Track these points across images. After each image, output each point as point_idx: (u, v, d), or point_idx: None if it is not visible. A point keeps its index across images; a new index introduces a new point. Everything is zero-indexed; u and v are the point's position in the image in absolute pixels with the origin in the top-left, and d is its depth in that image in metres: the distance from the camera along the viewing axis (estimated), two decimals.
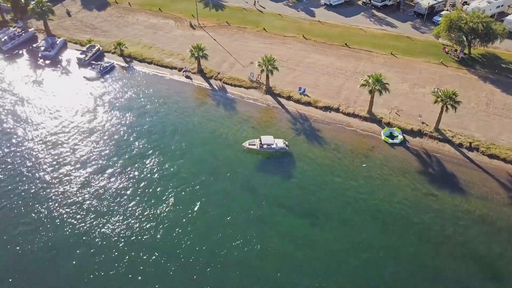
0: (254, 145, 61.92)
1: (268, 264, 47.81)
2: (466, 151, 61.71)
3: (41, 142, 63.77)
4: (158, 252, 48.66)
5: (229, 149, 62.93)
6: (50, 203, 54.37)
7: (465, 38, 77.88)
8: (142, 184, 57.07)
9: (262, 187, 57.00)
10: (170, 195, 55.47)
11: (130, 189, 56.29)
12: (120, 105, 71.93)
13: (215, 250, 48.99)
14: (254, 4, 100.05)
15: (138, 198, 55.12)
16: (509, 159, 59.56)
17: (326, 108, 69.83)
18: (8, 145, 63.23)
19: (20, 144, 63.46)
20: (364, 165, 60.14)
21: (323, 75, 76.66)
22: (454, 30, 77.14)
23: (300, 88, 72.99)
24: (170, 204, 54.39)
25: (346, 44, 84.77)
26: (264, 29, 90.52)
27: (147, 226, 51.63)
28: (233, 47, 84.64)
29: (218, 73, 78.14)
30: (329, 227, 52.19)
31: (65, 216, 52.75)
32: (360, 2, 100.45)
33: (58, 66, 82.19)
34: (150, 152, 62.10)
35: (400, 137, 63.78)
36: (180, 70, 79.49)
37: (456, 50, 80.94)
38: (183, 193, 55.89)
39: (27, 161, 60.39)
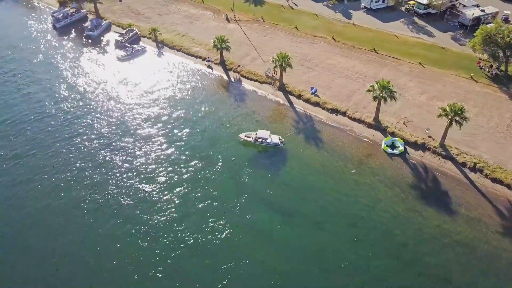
0: (250, 137, 63.19)
1: (227, 255, 48.92)
2: (468, 171, 58.18)
3: (63, 101, 70.20)
4: (129, 223, 51.96)
5: (228, 138, 64.83)
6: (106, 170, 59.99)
7: (501, 54, 72.65)
8: (136, 158, 60.79)
9: (248, 179, 58.20)
10: (158, 175, 58.57)
11: (127, 163, 60.24)
12: (137, 85, 76.59)
13: (179, 232, 51.18)
14: (287, 1, 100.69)
15: (130, 166, 58.93)
16: None
17: (333, 111, 69.10)
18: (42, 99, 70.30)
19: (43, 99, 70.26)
20: (354, 171, 59.02)
21: (340, 77, 75.64)
22: (490, 44, 72.31)
23: (312, 88, 72.80)
24: (154, 181, 57.47)
25: (374, 49, 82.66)
26: (296, 27, 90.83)
27: (123, 194, 55.22)
28: (260, 43, 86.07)
29: (238, 66, 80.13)
30: (302, 228, 52.21)
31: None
32: (403, 9, 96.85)
33: (98, 45, 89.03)
34: (152, 132, 65.74)
35: (401, 148, 61.59)
36: (204, 59, 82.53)
37: (491, 66, 75.68)
38: (171, 174, 58.69)
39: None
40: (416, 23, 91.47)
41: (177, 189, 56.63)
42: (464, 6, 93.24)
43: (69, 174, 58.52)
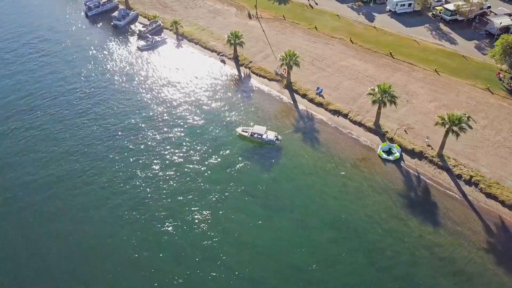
0: (247, 132, 64.18)
1: (203, 243, 50.32)
2: (463, 183, 56.19)
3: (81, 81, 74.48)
4: (116, 199, 54.59)
5: (226, 131, 66.16)
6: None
7: None
8: (132, 140, 63.44)
9: (238, 173, 59.21)
10: (151, 159, 60.90)
11: (124, 143, 63.09)
12: (150, 73, 79.68)
13: (161, 215, 53.13)
14: (308, 0, 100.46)
15: (127, 146, 61.72)
16: (508, 203, 52.86)
17: (335, 112, 68.68)
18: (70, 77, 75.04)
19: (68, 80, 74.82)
20: (343, 173, 58.57)
21: (350, 80, 74.89)
22: (511, 54, 69.11)
23: (318, 88, 72.63)
24: (147, 165, 59.81)
25: (390, 53, 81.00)
26: (315, 27, 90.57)
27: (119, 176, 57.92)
28: (276, 40, 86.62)
29: (250, 62, 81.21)
30: (282, 224, 52.55)
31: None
32: (430, 14, 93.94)
33: (122, 34, 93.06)
34: (152, 119, 68.28)
35: (397, 154, 60.39)
36: (218, 54, 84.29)
37: (511, 78, 72.20)
38: (164, 160, 60.84)
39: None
40: (440, 29, 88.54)
41: (168, 173, 58.71)
42: (496, 14, 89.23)
43: (76, 147, 62.17)
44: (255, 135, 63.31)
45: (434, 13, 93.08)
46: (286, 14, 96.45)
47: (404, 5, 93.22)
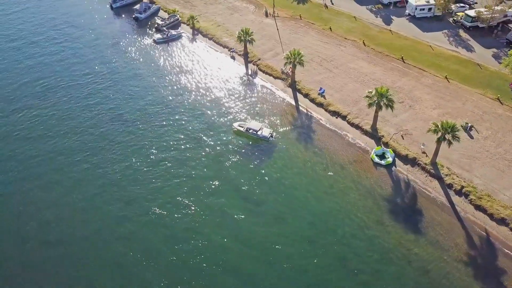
0: (243, 127, 65.14)
1: (185, 231, 51.80)
2: (453, 193, 54.79)
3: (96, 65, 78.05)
4: (107, 185, 57.04)
5: (223, 125, 67.40)
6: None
7: None
8: (131, 129, 65.86)
9: (229, 166, 60.30)
10: (147, 147, 63.01)
11: (124, 131, 65.64)
12: (160, 64, 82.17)
13: (149, 200, 55.10)
14: (324, 1, 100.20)
15: (126, 133, 64.25)
16: (497, 217, 51.11)
17: (334, 113, 68.41)
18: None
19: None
20: (331, 173, 58.45)
21: (355, 82, 74.23)
22: None
23: (320, 89, 72.51)
24: (142, 153, 61.93)
25: (402, 57, 79.50)
26: (330, 28, 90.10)
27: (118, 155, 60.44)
28: (289, 39, 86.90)
29: (259, 59, 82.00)
30: (262, 219, 53.18)
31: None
32: (451, 20, 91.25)
33: (141, 27, 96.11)
34: (155, 109, 70.49)
35: (389, 159, 59.55)
36: (229, 50, 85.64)
37: None
38: (161, 148, 62.79)
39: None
40: (459, 36, 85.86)
41: (160, 159, 60.79)
42: None
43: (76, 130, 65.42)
44: (250, 131, 64.15)
45: (455, 19, 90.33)
46: (303, 13, 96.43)
47: (423, 9, 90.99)
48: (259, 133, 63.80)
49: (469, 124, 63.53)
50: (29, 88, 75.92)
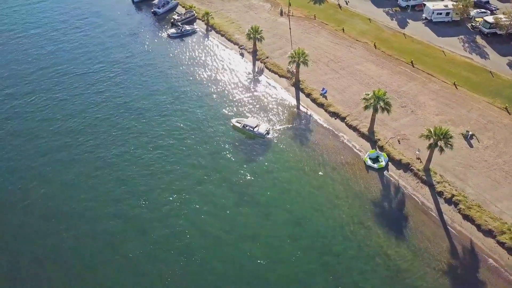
0: (240, 123, 65.98)
1: (172, 216, 53.22)
2: (442, 201, 53.65)
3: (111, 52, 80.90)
4: (106, 167, 59.23)
5: (222, 119, 68.28)
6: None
7: None
8: (140, 118, 67.93)
9: (222, 160, 61.19)
10: (146, 135, 64.85)
11: (129, 119, 67.85)
12: (171, 57, 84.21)
13: (140, 185, 56.88)
14: (338, 1, 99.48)
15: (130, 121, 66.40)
16: (484, 228, 49.72)
17: (333, 114, 68.14)
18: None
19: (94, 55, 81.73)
20: (321, 173, 58.41)
21: (360, 84, 73.55)
22: None
23: (323, 89, 72.35)
24: (141, 141, 63.83)
25: (411, 62, 78.10)
26: (343, 29, 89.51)
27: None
28: (299, 39, 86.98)
29: (267, 57, 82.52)
30: (248, 213, 53.76)
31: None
32: (469, 25, 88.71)
33: (158, 21, 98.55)
34: (159, 99, 72.38)
35: (382, 163, 58.87)
36: (239, 47, 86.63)
37: None
38: (158, 137, 64.44)
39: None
40: (475, 42, 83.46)
41: (157, 150, 62.43)
42: None
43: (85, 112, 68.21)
44: (247, 127, 64.89)
45: (474, 24, 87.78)
46: (317, 13, 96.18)
47: (441, 13, 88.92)
48: (255, 130, 64.44)
49: (470, 133, 61.88)
50: (45, 73, 79.66)
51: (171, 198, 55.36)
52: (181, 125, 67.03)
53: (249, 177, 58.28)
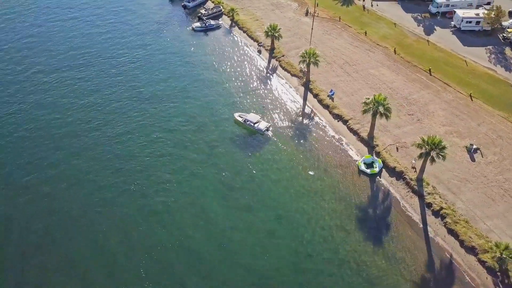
0: (242, 118, 67.12)
1: (159, 199, 55.46)
2: (429, 213, 52.18)
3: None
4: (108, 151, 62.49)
5: (226, 113, 69.61)
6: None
7: None
8: (151, 105, 70.81)
9: (218, 151, 62.64)
10: (151, 120, 67.56)
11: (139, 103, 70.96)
12: (190, 49, 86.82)
13: (135, 164, 59.61)
14: (363, 3, 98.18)
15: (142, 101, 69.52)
16: (467, 244, 47.97)
17: (337, 116, 67.67)
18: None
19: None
20: (312, 173, 58.43)
21: (370, 88, 72.38)
22: None
23: (331, 91, 71.92)
24: (145, 124, 66.70)
25: (429, 69, 75.77)
26: (365, 32, 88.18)
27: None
28: (319, 39, 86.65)
29: (283, 56, 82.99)
30: (234, 204, 54.82)
31: None
32: (500, 36, 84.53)
33: (188, 15, 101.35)
34: (170, 86, 74.96)
35: (375, 169, 57.96)
36: (258, 43, 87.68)
37: None
38: (162, 123, 66.87)
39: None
40: (503, 54, 79.54)
41: (154, 135, 65.06)
42: None
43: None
44: (248, 122, 65.91)
45: (505, 35, 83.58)
46: (343, 15, 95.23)
47: (470, 22, 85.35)
48: (255, 125, 65.32)
49: (474, 146, 59.46)
50: (72, 57, 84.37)
51: (163, 181, 57.39)
52: (186, 117, 68.91)
53: (241, 171, 59.23)
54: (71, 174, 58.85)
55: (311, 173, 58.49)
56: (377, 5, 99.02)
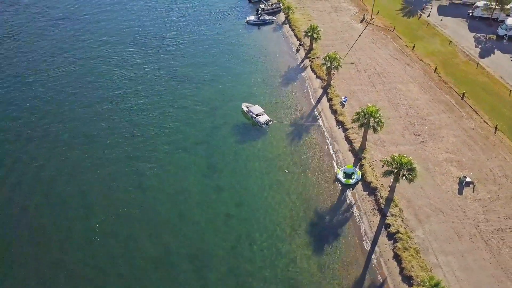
0: (247, 108, 69.77)
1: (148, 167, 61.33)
2: (385, 234, 49.88)
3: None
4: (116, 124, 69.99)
5: (238, 102, 72.76)
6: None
7: None
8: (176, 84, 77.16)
9: (213, 134, 66.04)
10: (170, 99, 73.64)
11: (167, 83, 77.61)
12: (238, 42, 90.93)
13: (136, 137, 66.02)
14: (422, 10, 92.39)
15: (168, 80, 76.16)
16: (405, 273, 45.12)
17: (339, 123, 66.70)
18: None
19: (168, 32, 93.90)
20: (287, 171, 59.07)
21: (387, 101, 69.67)
22: None
23: (344, 97, 70.78)
24: (163, 101, 72.92)
25: (463, 93, 70.09)
26: (413, 46, 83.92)
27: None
28: (361, 47, 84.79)
29: (316, 57, 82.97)
30: (210, 182, 57.74)
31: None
32: None
33: (250, 8, 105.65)
34: (200, 70, 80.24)
35: (351, 181, 56.61)
36: (299, 43, 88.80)
37: None
38: (178, 103, 72.61)
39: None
40: None
41: (161, 110, 70.79)
42: None
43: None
44: (250, 113, 68.40)
45: None
46: (399, 26, 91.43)
47: None
48: (256, 118, 67.48)
49: (468, 179, 54.57)
50: (134, 33, 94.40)
51: (158, 153, 62.90)
52: (201, 98, 73.58)
53: (227, 157, 61.67)
54: (84, 131, 67.05)
55: (286, 171, 59.15)
56: (441, 20, 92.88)
